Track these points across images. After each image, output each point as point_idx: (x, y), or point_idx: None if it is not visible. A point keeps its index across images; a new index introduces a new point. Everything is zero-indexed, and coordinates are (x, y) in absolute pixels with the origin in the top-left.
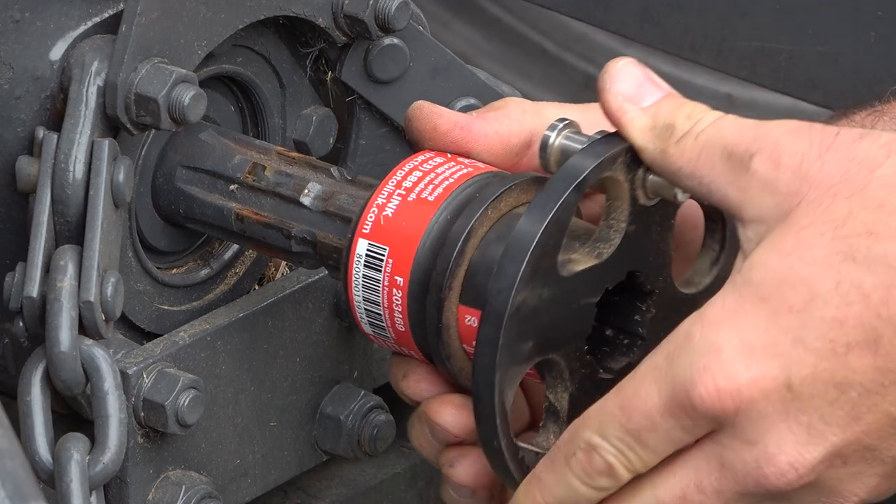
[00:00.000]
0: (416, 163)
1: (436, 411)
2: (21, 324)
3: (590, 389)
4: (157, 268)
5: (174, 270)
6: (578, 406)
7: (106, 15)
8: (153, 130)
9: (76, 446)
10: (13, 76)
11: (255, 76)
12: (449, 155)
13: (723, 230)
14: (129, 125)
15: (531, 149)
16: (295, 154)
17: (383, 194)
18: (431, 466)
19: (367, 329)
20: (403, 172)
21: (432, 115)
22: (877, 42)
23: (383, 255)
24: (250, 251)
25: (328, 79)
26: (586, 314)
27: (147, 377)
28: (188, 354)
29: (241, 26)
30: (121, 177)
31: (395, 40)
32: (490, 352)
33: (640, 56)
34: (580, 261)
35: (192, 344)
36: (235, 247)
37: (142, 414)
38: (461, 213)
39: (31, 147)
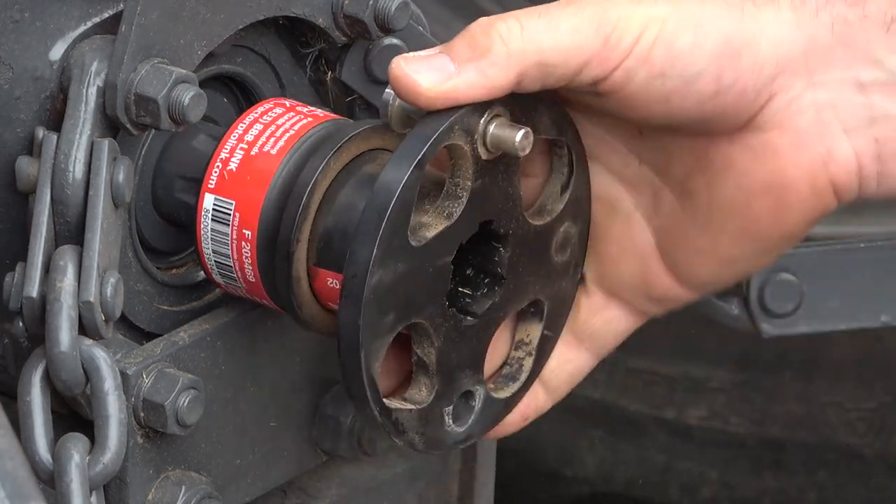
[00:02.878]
0: (256, 115)
1: None
2: (21, 324)
3: (455, 339)
4: (157, 268)
5: (174, 270)
6: (446, 356)
7: (106, 15)
8: (153, 132)
9: (76, 446)
10: (13, 76)
11: (255, 76)
12: (288, 104)
13: (569, 154)
14: (128, 125)
15: None
16: None
17: (226, 149)
18: (431, 466)
19: (219, 279)
20: (245, 125)
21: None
22: None
23: (230, 209)
24: None
25: (328, 79)
26: (444, 274)
27: (147, 377)
28: (188, 354)
29: (240, 26)
30: (120, 177)
31: (395, 40)
32: (352, 332)
33: None
34: (431, 224)
35: (192, 344)
36: None
37: (142, 414)
38: (304, 165)
39: (31, 147)
